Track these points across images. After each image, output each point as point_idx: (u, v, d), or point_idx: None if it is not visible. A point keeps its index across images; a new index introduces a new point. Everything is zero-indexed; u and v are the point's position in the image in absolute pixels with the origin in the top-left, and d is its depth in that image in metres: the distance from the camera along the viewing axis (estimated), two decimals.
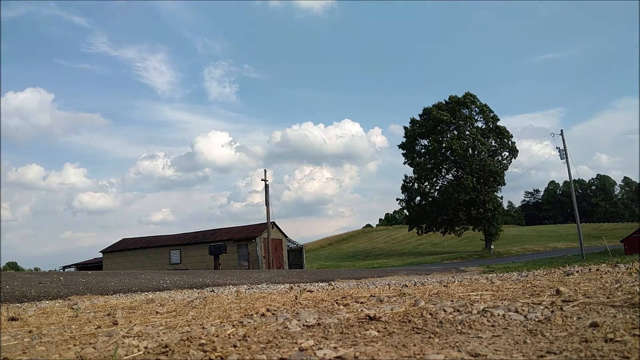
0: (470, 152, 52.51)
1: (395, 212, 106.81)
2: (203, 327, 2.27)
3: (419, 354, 1.51)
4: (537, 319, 1.97)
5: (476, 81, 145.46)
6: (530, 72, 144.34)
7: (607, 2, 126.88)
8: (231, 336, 1.93)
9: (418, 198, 55.86)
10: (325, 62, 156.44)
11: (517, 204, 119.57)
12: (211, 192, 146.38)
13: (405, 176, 57.32)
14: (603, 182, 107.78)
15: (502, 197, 54.01)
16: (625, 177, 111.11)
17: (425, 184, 55.45)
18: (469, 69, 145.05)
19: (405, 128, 57.96)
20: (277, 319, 2.42)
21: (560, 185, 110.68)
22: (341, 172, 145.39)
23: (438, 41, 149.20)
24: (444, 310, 2.30)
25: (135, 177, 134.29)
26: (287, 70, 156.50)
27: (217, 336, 1.93)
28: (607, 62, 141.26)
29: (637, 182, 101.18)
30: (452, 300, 2.83)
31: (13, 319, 3.05)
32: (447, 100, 55.65)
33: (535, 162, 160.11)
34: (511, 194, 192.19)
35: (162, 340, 1.95)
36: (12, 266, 76.79)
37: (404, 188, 56.90)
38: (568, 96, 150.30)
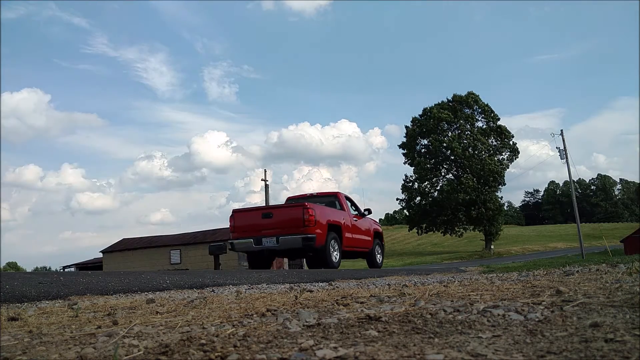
0: (470, 151, 52.51)
1: (395, 212, 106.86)
2: (203, 327, 2.26)
3: (419, 354, 1.51)
4: (537, 319, 1.97)
5: (474, 81, 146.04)
6: (529, 72, 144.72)
7: (607, 2, 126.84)
8: (231, 336, 1.93)
9: (418, 198, 55.86)
10: (323, 63, 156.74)
11: (517, 204, 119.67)
12: (210, 192, 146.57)
13: (406, 176, 57.35)
14: (603, 182, 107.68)
15: (502, 197, 54.08)
16: (621, 179, 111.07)
17: (426, 183, 55.45)
18: (467, 69, 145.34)
19: (406, 127, 58.04)
20: (277, 319, 2.41)
21: (560, 185, 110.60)
22: (339, 173, 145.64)
23: (435, 41, 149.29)
24: (444, 310, 2.30)
25: (133, 178, 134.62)
26: (286, 71, 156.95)
27: (217, 336, 1.93)
28: (607, 62, 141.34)
29: (636, 182, 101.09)
30: (452, 300, 2.83)
31: (13, 319, 3.05)
32: (450, 99, 55.68)
33: (533, 162, 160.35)
34: (511, 194, 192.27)
35: (162, 340, 1.95)
36: (12, 266, 76.73)
37: (404, 188, 56.92)
38: (567, 96, 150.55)
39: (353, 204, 12.72)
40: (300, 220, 9.82)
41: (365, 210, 12.78)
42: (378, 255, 13.07)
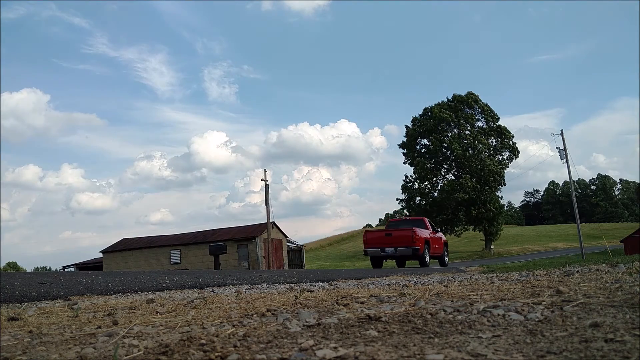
0: (470, 151, 52.48)
1: (395, 212, 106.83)
2: (203, 327, 2.27)
3: (419, 354, 1.51)
4: (537, 319, 1.97)
5: (474, 81, 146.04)
6: (529, 72, 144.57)
7: (607, 2, 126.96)
8: (231, 336, 1.93)
9: (418, 198, 55.78)
10: (323, 63, 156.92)
11: (517, 204, 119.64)
12: (209, 192, 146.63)
13: (406, 176, 57.27)
14: (603, 182, 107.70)
15: (502, 197, 54.04)
16: (621, 179, 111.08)
17: (426, 183, 55.40)
18: (467, 69, 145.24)
19: (406, 127, 57.96)
20: (277, 319, 2.42)
21: (560, 185, 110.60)
22: (339, 173, 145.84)
23: (435, 41, 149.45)
24: (444, 310, 2.30)
25: (132, 178, 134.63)
26: (286, 71, 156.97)
27: (217, 336, 1.93)
28: (607, 62, 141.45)
29: (636, 182, 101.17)
30: (452, 300, 2.83)
31: (13, 319, 3.05)
32: (450, 99, 55.63)
33: (533, 162, 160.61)
34: (511, 194, 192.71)
35: (162, 340, 1.95)
36: (12, 266, 76.78)
37: (404, 188, 56.84)
38: (567, 96, 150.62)
39: (431, 224, 19.42)
40: (411, 238, 16.31)
41: (438, 229, 21.28)
42: (445, 257, 19.85)
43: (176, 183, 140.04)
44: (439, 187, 54.79)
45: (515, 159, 55.15)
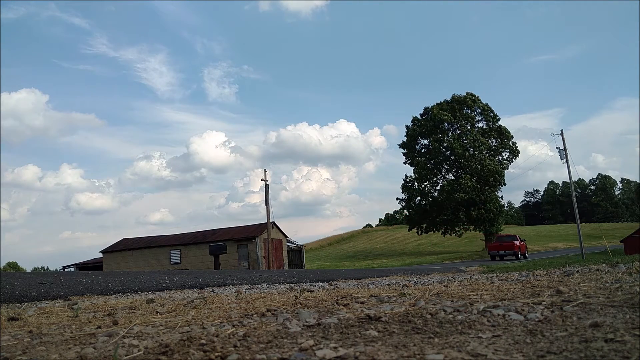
0: (470, 152, 52.44)
1: (395, 212, 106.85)
2: (203, 327, 2.27)
3: (419, 354, 1.51)
4: (537, 319, 1.97)
5: (474, 81, 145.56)
6: (529, 72, 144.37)
7: (606, 2, 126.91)
8: (231, 336, 1.93)
9: (418, 198, 55.74)
10: (322, 63, 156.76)
11: (517, 204, 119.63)
12: (209, 192, 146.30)
13: (406, 176, 57.21)
14: (603, 182, 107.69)
15: (502, 197, 53.95)
16: (622, 179, 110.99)
17: (426, 183, 55.36)
18: (467, 69, 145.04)
19: (406, 127, 57.89)
20: (277, 319, 2.42)
21: (560, 185, 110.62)
22: (338, 173, 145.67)
23: (435, 41, 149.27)
24: (444, 310, 2.30)
25: (132, 178, 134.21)
26: (285, 71, 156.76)
27: (217, 336, 1.93)
28: (607, 62, 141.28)
29: (636, 182, 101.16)
30: (452, 300, 2.83)
31: (13, 319, 3.05)
32: (449, 99, 55.60)
33: (533, 162, 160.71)
34: (511, 194, 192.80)
35: (162, 340, 1.95)
36: (12, 266, 76.78)
37: (404, 188, 56.78)
38: (566, 97, 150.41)
39: (519, 237, 36.54)
40: (512, 245, 34.39)
41: (522, 239, 37.63)
42: (526, 254, 35.64)
43: (175, 183, 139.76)
44: (438, 187, 54.71)
45: (515, 159, 55.16)
